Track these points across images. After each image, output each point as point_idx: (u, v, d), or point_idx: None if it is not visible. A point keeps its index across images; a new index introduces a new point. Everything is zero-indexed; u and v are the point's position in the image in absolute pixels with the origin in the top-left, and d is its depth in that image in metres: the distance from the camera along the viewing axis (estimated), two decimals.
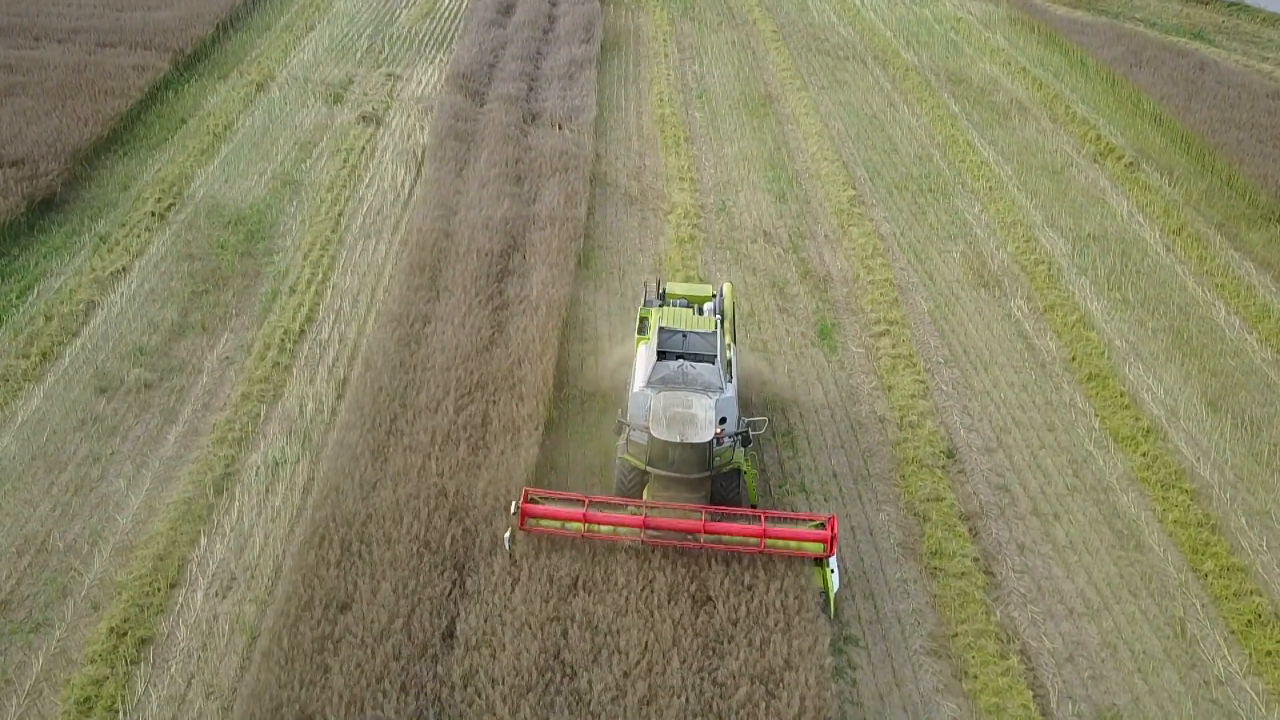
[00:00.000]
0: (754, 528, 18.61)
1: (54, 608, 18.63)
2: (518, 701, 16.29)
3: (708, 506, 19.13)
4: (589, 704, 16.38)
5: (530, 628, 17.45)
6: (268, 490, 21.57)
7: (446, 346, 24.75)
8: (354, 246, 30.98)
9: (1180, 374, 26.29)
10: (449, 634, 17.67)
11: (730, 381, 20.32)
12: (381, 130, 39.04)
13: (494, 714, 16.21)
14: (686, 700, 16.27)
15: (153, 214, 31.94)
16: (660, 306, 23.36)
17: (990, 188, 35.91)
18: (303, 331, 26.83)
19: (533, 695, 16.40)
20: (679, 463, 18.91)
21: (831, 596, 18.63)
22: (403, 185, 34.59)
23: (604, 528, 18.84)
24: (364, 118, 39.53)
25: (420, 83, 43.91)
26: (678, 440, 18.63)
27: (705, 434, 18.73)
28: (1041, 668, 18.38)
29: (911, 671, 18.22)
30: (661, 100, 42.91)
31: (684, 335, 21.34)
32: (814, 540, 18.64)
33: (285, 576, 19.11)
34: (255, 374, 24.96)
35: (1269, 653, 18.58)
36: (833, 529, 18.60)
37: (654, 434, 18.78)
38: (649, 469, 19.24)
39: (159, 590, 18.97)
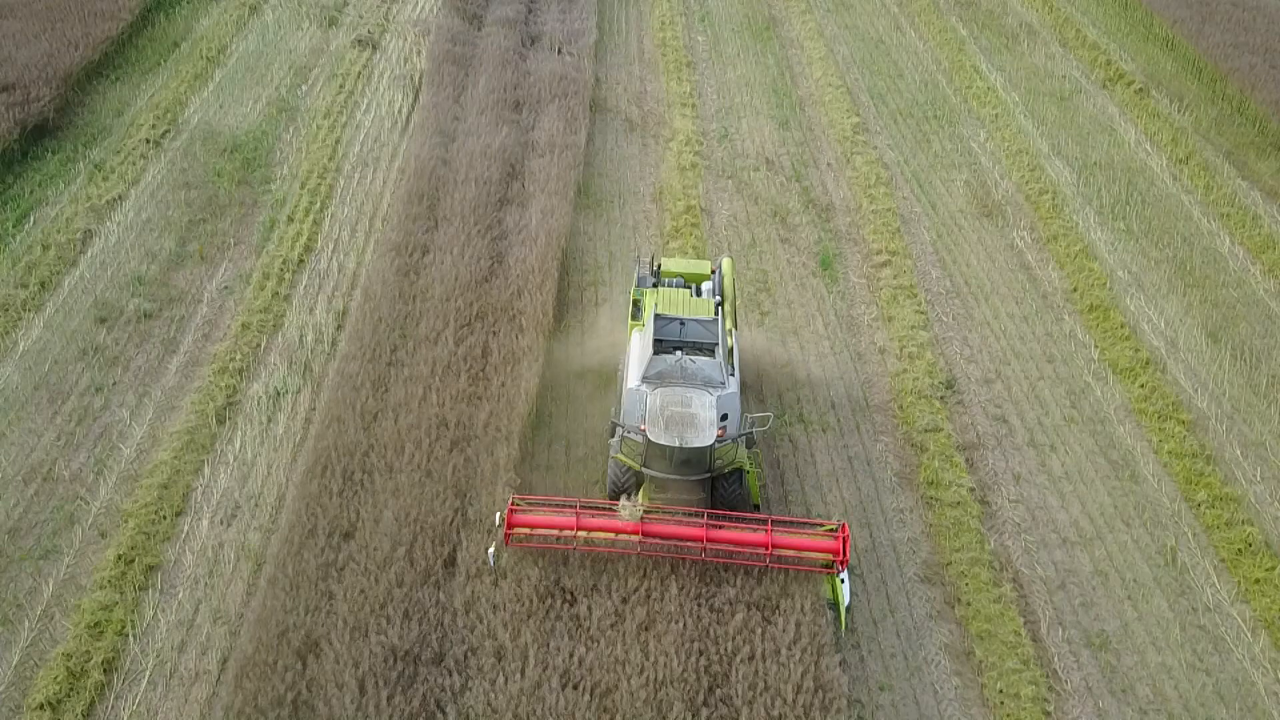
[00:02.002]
0: (760, 537, 17.18)
1: (62, 535, 18.92)
2: (518, 627, 16.63)
3: (709, 512, 17.56)
4: (588, 629, 16.72)
5: (531, 555, 17.73)
6: (269, 420, 21.73)
7: (446, 277, 24.68)
8: (351, 175, 30.66)
9: (1182, 305, 26.22)
10: (451, 561, 17.96)
11: (733, 374, 18.53)
12: (377, 55, 38.32)
13: (495, 639, 16.56)
14: (684, 626, 16.60)
15: (147, 141, 31.55)
16: (655, 286, 21.35)
17: (997, 115, 35.36)
18: (301, 261, 26.71)
19: (533, 621, 16.74)
20: (677, 465, 17.54)
21: (842, 609, 17.32)
22: (400, 112, 34.08)
23: (598, 537, 17.28)
24: (360, 41, 38.77)
25: (416, 4, 42.94)
26: (677, 444, 17.16)
27: (706, 437, 17.16)
28: (1033, 595, 18.71)
29: (905, 598, 18.56)
30: (663, 24, 42.00)
31: (681, 323, 19.38)
32: (825, 551, 17.15)
33: (289, 505, 19.37)
34: (255, 304, 24.93)
35: (1257, 580, 18.89)
36: (844, 537, 17.11)
37: (651, 437, 17.22)
38: (644, 470, 17.86)
39: (165, 518, 19.24)
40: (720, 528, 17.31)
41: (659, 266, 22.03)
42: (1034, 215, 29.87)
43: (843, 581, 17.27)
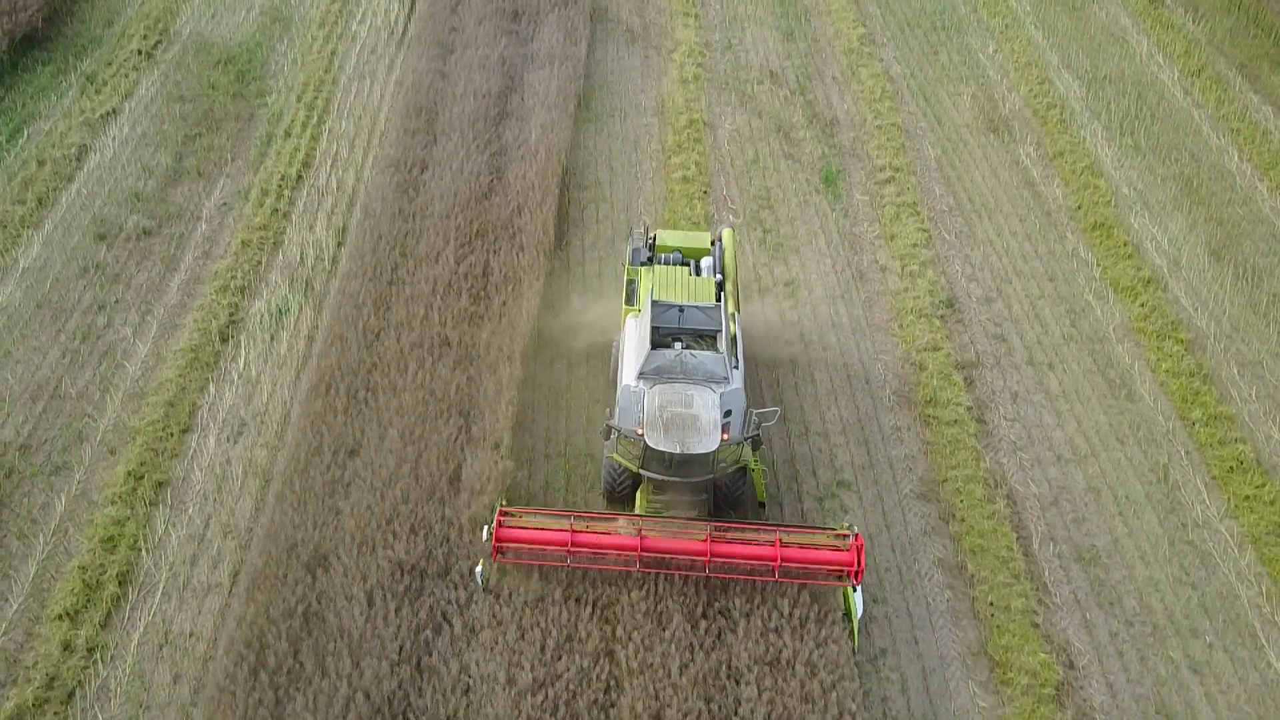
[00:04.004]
0: (768, 549, 15.98)
1: (72, 451, 19.21)
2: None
3: (714, 523, 16.43)
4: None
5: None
6: (273, 338, 21.84)
7: (445, 193, 24.49)
8: (348, 88, 30.14)
9: (1186, 223, 26.05)
10: (455, 478, 18.26)
11: (737, 367, 17.20)
12: None
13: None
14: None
15: (139, 52, 30.92)
16: (650, 264, 19.75)
17: (1006, 25, 34.53)
18: (300, 177, 26.47)
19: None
20: (678, 468, 16.23)
21: (855, 622, 16.12)
22: (396, 22, 33.30)
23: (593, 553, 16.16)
24: None
25: None
26: (678, 451, 15.87)
27: (710, 441, 15.82)
28: (1026, 512, 19.09)
29: (901, 514, 18.93)
30: None
31: (681, 310, 17.90)
32: (837, 564, 16.05)
33: (294, 423, 19.62)
34: (254, 221, 24.80)
35: (1247, 497, 19.24)
36: (859, 548, 16.01)
37: (650, 442, 15.88)
38: (642, 472, 16.53)
39: (172, 435, 19.51)
40: (725, 538, 16.05)
41: (654, 239, 20.38)
42: (1041, 130, 29.45)
43: (855, 590, 16.12)
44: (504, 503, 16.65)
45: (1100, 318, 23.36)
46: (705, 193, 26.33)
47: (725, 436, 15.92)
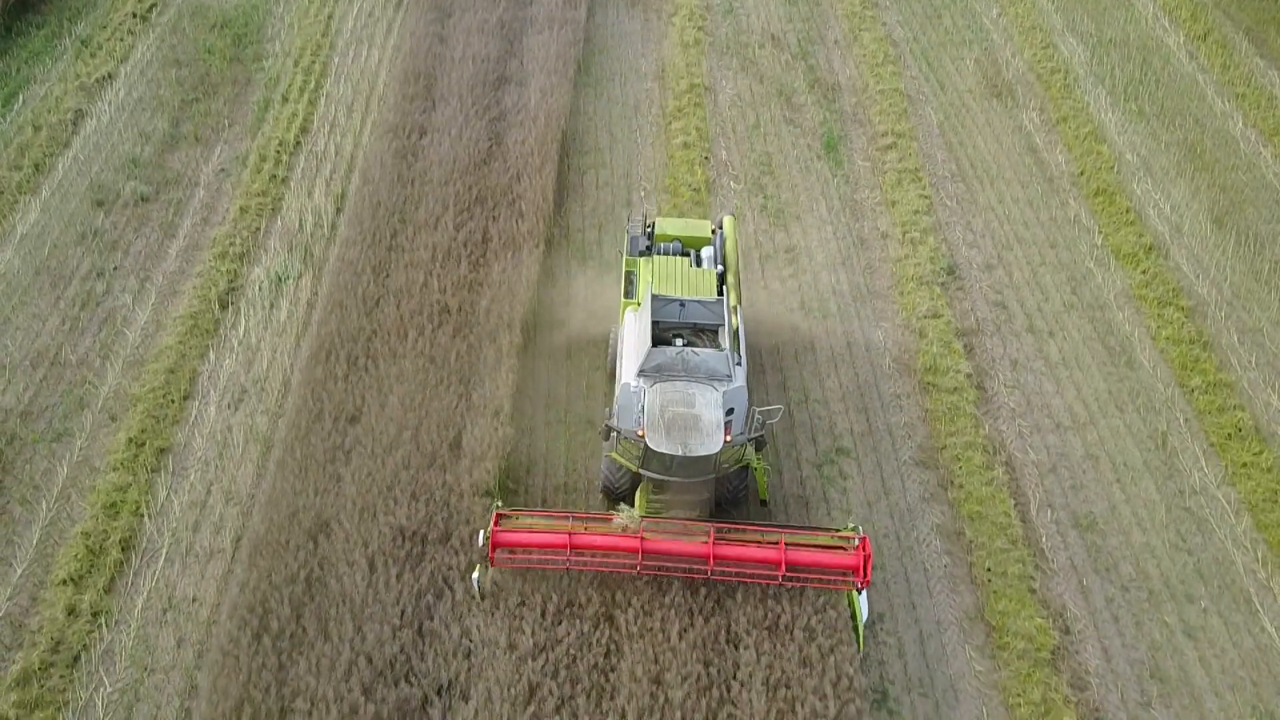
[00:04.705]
0: (773, 553, 15.56)
1: (73, 419, 19.26)
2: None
3: (717, 524, 15.98)
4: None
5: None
6: (272, 305, 21.81)
7: (444, 159, 24.35)
8: (346, 52, 29.86)
9: (1189, 189, 25.91)
10: (456, 445, 18.32)
11: (739, 364, 16.70)
12: None
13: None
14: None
15: (134, 15, 30.63)
16: (649, 254, 19.14)
17: None
18: (298, 143, 26.30)
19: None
20: (679, 468, 15.62)
21: (860, 623, 15.84)
22: None
23: (592, 555, 15.77)
24: None
25: None
26: (680, 453, 15.29)
27: (713, 443, 15.26)
28: (1024, 478, 19.16)
29: (900, 481, 19.01)
30: None
31: (681, 304, 17.31)
32: (844, 567, 15.68)
33: (294, 390, 19.65)
34: (252, 187, 24.68)
35: (1244, 464, 19.30)
36: (866, 552, 15.53)
37: (651, 445, 15.30)
38: (642, 472, 15.96)
39: (173, 402, 19.55)
40: (728, 540, 15.68)
41: (652, 227, 19.70)
42: (1044, 95, 29.21)
43: (859, 591, 15.84)
44: (499, 505, 16.17)
45: (1101, 285, 23.30)
46: (706, 159, 26.17)
47: (729, 438, 15.30)
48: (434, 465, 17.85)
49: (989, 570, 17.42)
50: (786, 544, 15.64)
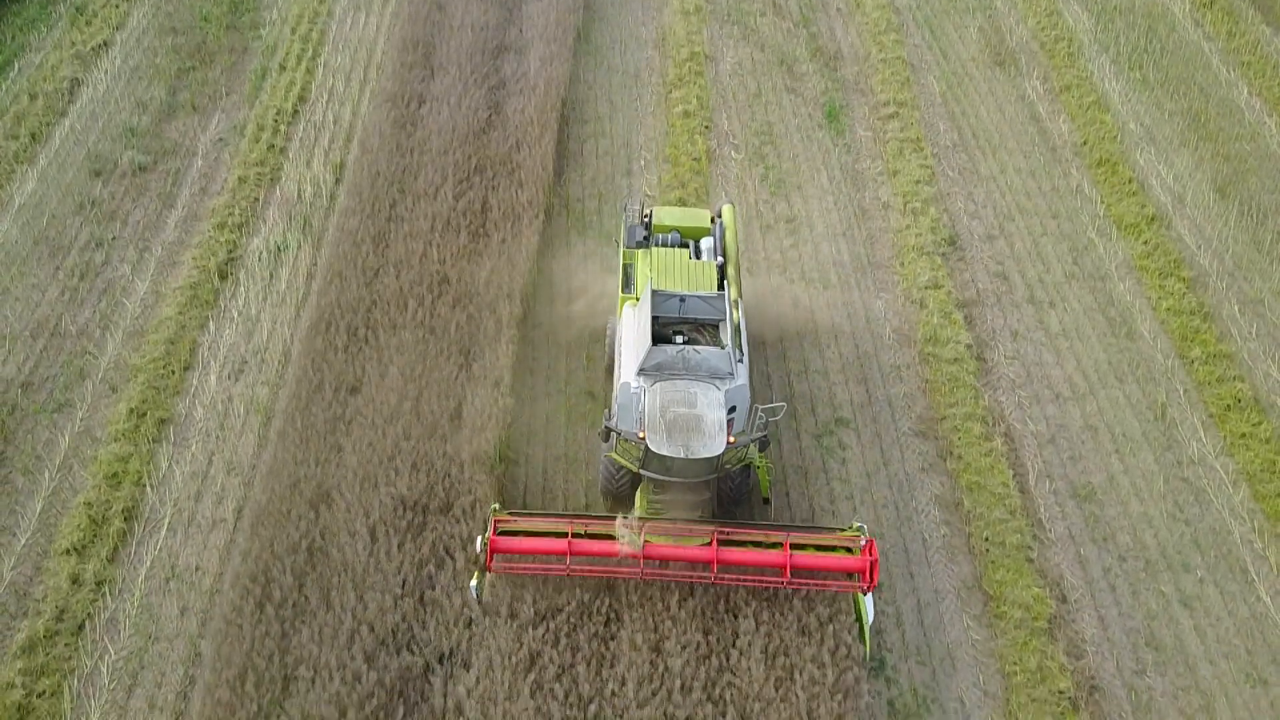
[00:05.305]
0: (778, 556, 15.25)
1: (74, 389, 19.29)
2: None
3: (719, 526, 15.63)
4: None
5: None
6: (272, 276, 21.77)
7: (443, 129, 24.21)
8: (343, 19, 29.59)
9: (1192, 159, 25.77)
10: (456, 415, 18.35)
11: (741, 360, 16.22)
12: None
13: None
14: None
15: None
16: (646, 245, 18.59)
17: None
18: (296, 112, 26.13)
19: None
20: (680, 470, 15.23)
21: (866, 626, 15.53)
22: None
23: (593, 560, 15.40)
24: None
25: None
26: (682, 455, 14.88)
27: (716, 445, 14.85)
28: (1023, 449, 19.21)
29: (899, 452, 19.06)
30: None
31: (681, 299, 16.82)
32: (850, 570, 15.43)
33: (295, 360, 19.66)
34: (250, 157, 24.55)
35: (1243, 435, 19.34)
36: (872, 556, 15.22)
37: (652, 447, 14.90)
38: (642, 472, 15.59)
39: (173, 373, 19.57)
40: (731, 539, 15.39)
41: (650, 217, 19.09)
42: (1048, 64, 28.97)
43: (865, 593, 15.49)
44: (497, 507, 15.79)
45: (1103, 255, 23.24)
46: (706, 128, 26.01)
47: (732, 440, 14.93)
48: (435, 435, 17.89)
49: (987, 540, 17.51)
50: (791, 546, 15.28)
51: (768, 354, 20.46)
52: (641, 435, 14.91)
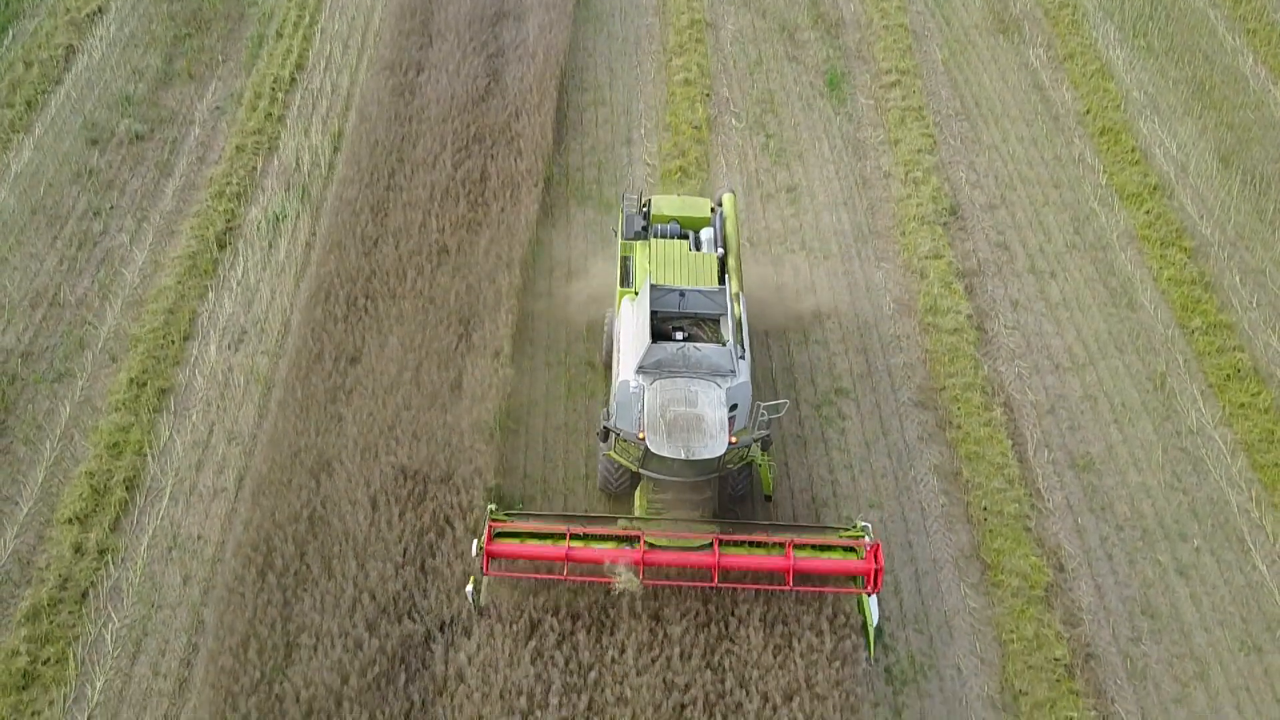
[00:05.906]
0: (780, 561, 14.87)
1: (74, 359, 19.29)
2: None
3: (720, 527, 15.39)
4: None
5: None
6: (270, 245, 21.70)
7: (441, 97, 24.03)
8: None
9: (1196, 128, 25.60)
10: (456, 385, 18.37)
11: (743, 357, 15.74)
12: None
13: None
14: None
15: None
16: (645, 236, 18.06)
17: None
18: (293, 80, 25.93)
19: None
20: (681, 470, 14.88)
21: (870, 630, 15.13)
22: None
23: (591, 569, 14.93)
24: None
25: None
26: (682, 456, 14.51)
27: (717, 445, 14.50)
28: (1023, 419, 19.24)
29: (899, 422, 19.09)
30: None
31: (681, 294, 16.43)
32: (855, 573, 15.13)
33: (294, 330, 19.64)
34: (248, 125, 24.39)
35: (1242, 405, 19.37)
36: (878, 562, 14.80)
37: (652, 448, 14.55)
38: (642, 471, 15.23)
39: (173, 343, 19.56)
40: (734, 539, 15.00)
41: (648, 206, 18.53)
42: (1052, 31, 28.70)
43: (869, 596, 15.11)
44: (493, 508, 15.41)
45: (1104, 225, 23.15)
46: (707, 96, 25.82)
47: (733, 439, 14.56)
48: (435, 405, 17.92)
49: (985, 509, 17.58)
50: (795, 549, 14.95)
51: (767, 324, 20.42)
52: (641, 436, 14.59)
